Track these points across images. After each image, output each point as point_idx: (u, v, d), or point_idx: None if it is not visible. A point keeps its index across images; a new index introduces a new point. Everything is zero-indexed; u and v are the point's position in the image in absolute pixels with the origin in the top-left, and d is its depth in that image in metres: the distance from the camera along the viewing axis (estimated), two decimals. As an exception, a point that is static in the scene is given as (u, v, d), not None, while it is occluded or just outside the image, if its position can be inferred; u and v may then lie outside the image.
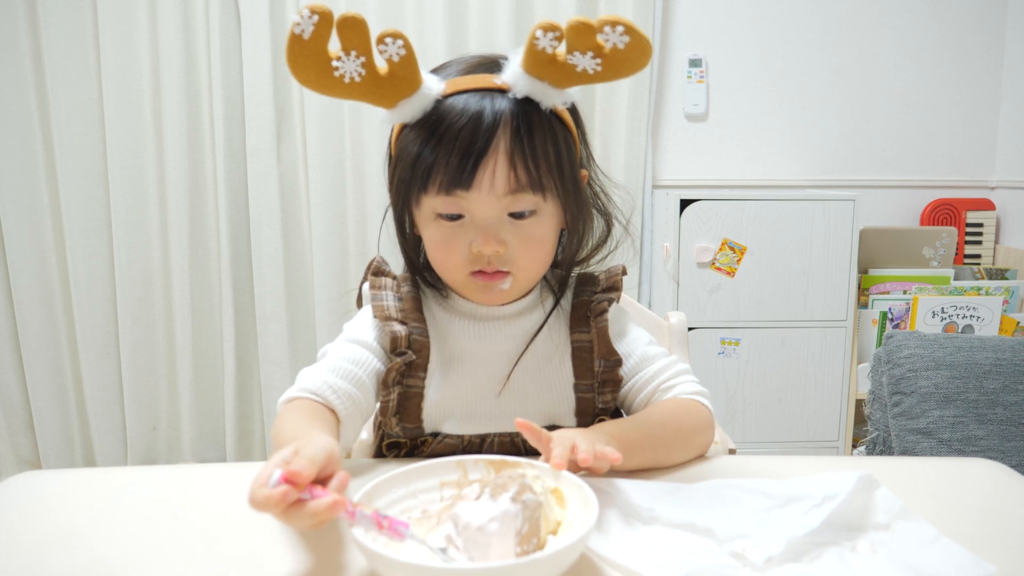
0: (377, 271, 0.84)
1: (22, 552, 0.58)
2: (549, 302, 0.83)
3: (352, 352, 0.78)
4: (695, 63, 2.33)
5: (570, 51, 0.65)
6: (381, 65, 0.68)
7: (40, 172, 2.23)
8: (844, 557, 0.55)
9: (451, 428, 0.80)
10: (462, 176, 0.68)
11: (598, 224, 0.83)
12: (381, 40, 0.66)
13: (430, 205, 0.72)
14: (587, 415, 0.81)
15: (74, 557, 0.57)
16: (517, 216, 0.72)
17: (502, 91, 0.70)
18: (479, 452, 0.78)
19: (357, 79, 0.67)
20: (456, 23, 2.19)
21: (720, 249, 2.09)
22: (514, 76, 0.69)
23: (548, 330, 0.82)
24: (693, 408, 0.79)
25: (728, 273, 2.11)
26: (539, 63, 0.67)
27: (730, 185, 2.38)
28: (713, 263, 2.10)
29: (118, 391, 2.35)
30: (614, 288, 0.82)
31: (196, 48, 2.20)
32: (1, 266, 2.27)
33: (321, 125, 2.21)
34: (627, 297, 1.22)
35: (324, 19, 0.63)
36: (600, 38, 0.63)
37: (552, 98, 0.70)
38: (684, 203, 2.09)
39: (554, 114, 0.72)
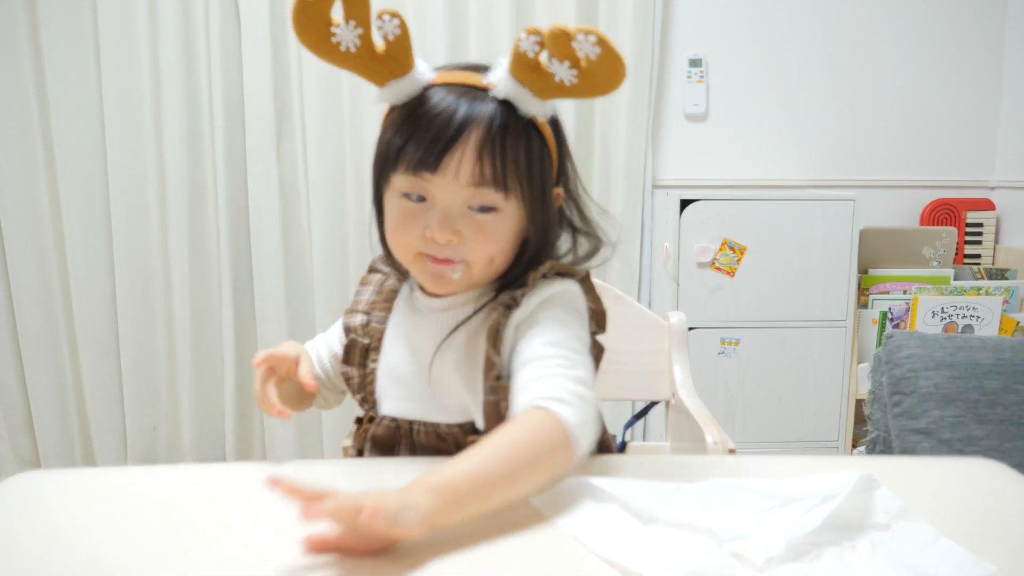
0: (371, 269, 0.91)
1: (22, 552, 0.58)
2: (488, 297, 0.80)
3: (327, 338, 0.92)
4: (695, 63, 2.33)
5: (550, 58, 0.68)
6: (378, 42, 0.71)
7: (40, 172, 2.23)
8: (844, 557, 0.55)
9: (391, 408, 0.82)
10: (430, 159, 0.71)
11: (582, 241, 0.83)
12: (379, 16, 0.70)
13: (397, 184, 0.75)
14: (493, 420, 0.75)
15: (74, 557, 0.57)
16: (477, 210, 0.74)
17: (486, 91, 0.73)
18: (409, 439, 0.81)
19: (352, 49, 0.71)
20: (456, 23, 2.19)
21: (720, 249, 2.09)
22: (499, 78, 0.72)
23: (479, 323, 0.79)
24: (532, 424, 0.65)
25: (728, 273, 2.11)
26: (523, 68, 0.70)
27: (730, 185, 2.38)
28: (713, 263, 2.10)
29: (118, 391, 2.35)
30: (523, 284, 0.77)
31: (196, 48, 2.20)
32: (1, 266, 2.27)
33: (321, 125, 2.21)
34: (626, 297, 1.22)
35: None
36: (574, 45, 0.66)
37: (532, 106, 0.73)
38: (684, 203, 2.09)
39: (534, 126, 0.75)
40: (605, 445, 0.87)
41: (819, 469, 0.67)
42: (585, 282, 0.81)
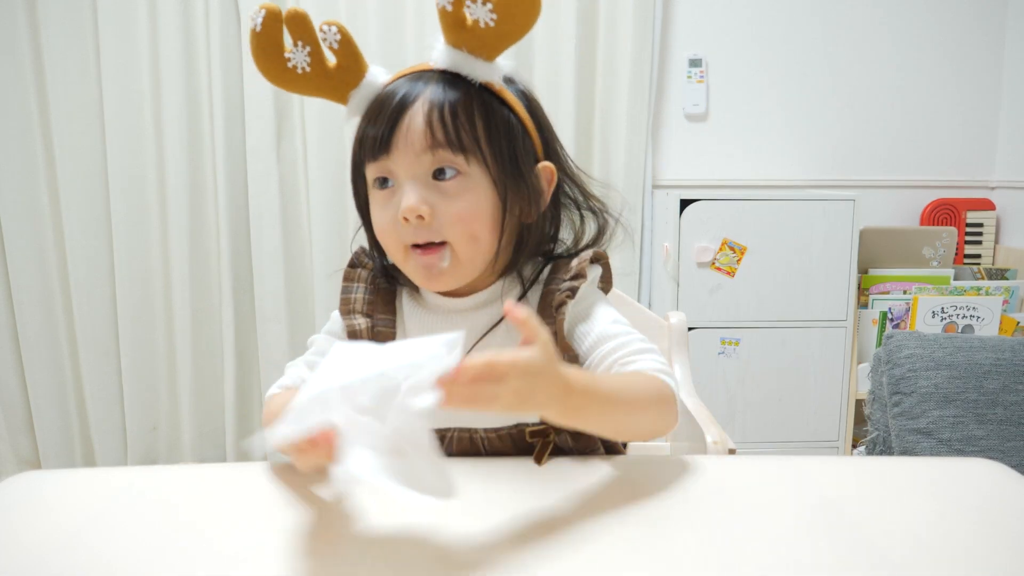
0: (354, 263, 0.86)
1: (22, 552, 0.58)
2: (515, 295, 0.81)
3: (325, 346, 0.83)
4: (695, 63, 2.33)
5: (465, 2, 0.69)
6: (331, 60, 0.75)
7: (40, 172, 2.23)
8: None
9: None
10: (382, 137, 0.73)
11: (588, 221, 0.84)
12: (320, 29, 0.74)
13: (369, 176, 0.77)
14: None
15: (74, 557, 0.57)
16: (440, 176, 0.74)
17: (431, 71, 0.76)
18: (440, 446, 0.77)
19: (307, 69, 0.75)
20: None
21: (720, 249, 2.09)
22: (438, 51, 0.74)
23: (511, 325, 0.80)
24: (652, 381, 0.72)
25: (728, 273, 2.11)
26: (451, 30, 0.72)
27: (730, 185, 2.38)
28: (713, 263, 2.10)
29: (118, 391, 2.35)
30: (580, 276, 0.79)
31: (196, 48, 2.20)
32: (1, 266, 2.27)
33: (321, 125, 2.21)
34: (626, 297, 1.22)
35: (271, 14, 0.72)
36: None
37: (478, 69, 0.74)
38: (684, 203, 2.09)
39: (494, 95, 0.75)
40: (613, 446, 0.87)
41: (819, 469, 0.67)
42: (606, 265, 0.84)
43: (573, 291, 0.78)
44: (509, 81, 0.78)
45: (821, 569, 0.54)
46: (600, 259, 0.83)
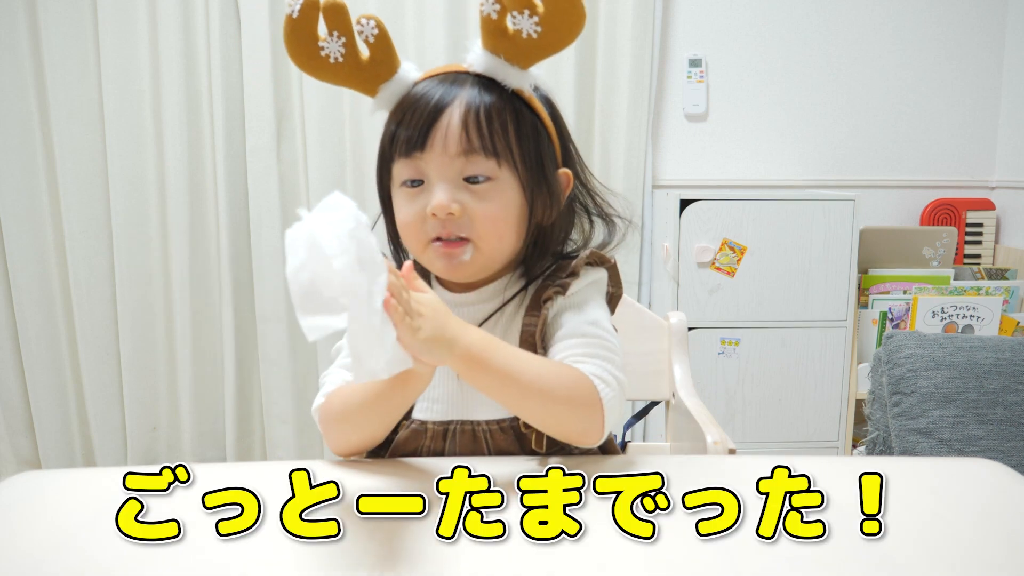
0: None
1: (21, 552, 0.58)
2: (517, 289, 0.82)
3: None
4: (695, 63, 2.34)
5: (510, 12, 0.70)
6: (364, 52, 0.76)
7: (40, 172, 2.23)
8: None
9: (419, 412, 0.81)
10: (418, 136, 0.74)
11: (599, 227, 0.85)
12: (357, 21, 0.74)
13: (397, 174, 0.78)
14: None
15: (74, 557, 0.57)
16: (472, 181, 0.75)
17: (467, 74, 0.77)
18: (443, 442, 0.79)
19: (340, 59, 0.75)
20: (456, 22, 2.19)
21: (720, 249, 2.09)
22: (475, 55, 0.76)
23: (508, 316, 0.82)
24: (578, 380, 0.71)
25: (728, 273, 2.11)
26: (493, 36, 0.73)
27: (730, 185, 2.38)
28: (713, 263, 2.10)
29: (118, 391, 2.35)
30: (574, 275, 0.80)
31: (196, 48, 2.20)
32: (1, 266, 2.27)
33: (321, 125, 2.21)
34: (626, 297, 1.22)
35: (309, 1, 0.73)
36: None
37: (511, 76, 0.75)
38: (684, 203, 2.09)
39: (523, 102, 0.77)
40: (609, 446, 0.87)
41: (818, 469, 0.67)
42: (612, 269, 0.85)
43: (564, 287, 0.79)
44: (534, 88, 0.80)
45: (821, 569, 0.54)
46: (604, 263, 0.84)
